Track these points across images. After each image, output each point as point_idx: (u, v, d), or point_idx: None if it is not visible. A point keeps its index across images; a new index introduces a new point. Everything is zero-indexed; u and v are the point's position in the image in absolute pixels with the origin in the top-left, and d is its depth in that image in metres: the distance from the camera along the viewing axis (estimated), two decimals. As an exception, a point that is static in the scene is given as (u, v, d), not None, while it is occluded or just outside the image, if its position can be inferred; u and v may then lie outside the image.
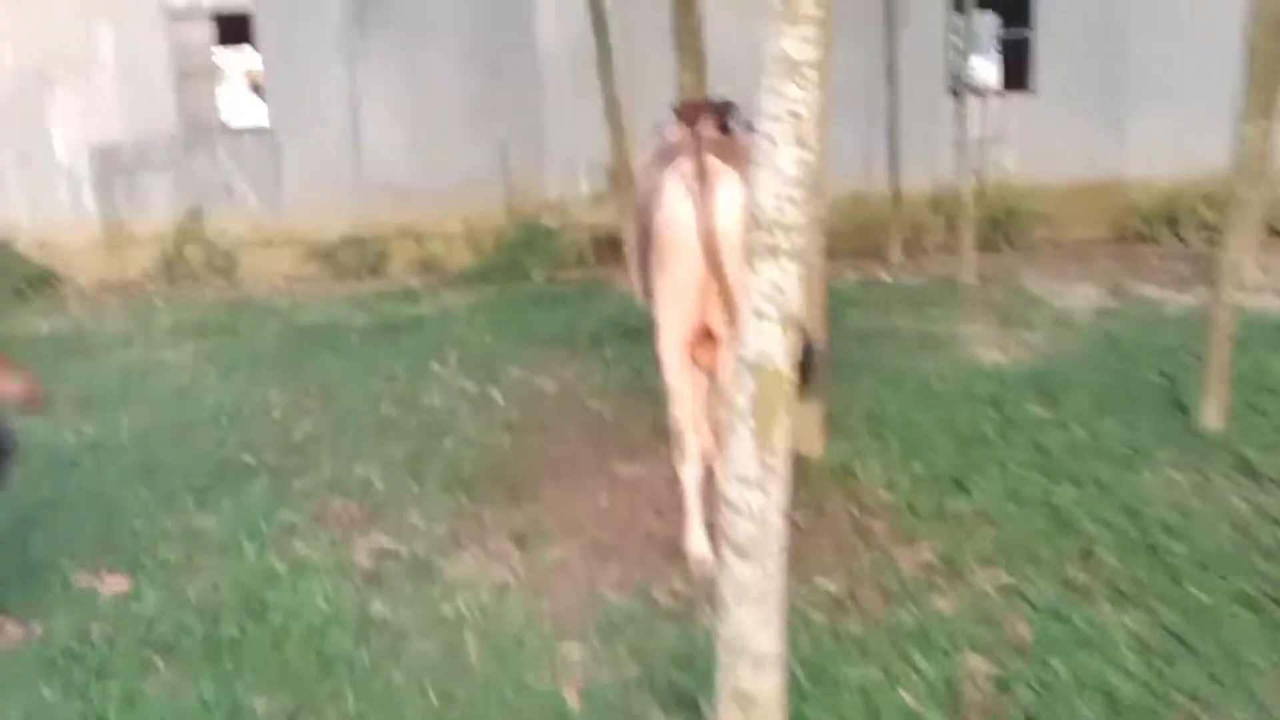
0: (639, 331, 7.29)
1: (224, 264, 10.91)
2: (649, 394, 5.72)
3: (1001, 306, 7.83)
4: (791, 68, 2.29)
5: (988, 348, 6.67)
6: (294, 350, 7.36)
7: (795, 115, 2.30)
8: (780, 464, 2.40)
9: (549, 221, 10.78)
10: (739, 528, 2.43)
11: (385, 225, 10.70)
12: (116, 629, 3.54)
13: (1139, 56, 10.62)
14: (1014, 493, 4.25)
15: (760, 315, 2.38)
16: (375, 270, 10.88)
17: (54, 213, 10.92)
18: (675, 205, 3.52)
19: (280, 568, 3.91)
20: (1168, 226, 10.59)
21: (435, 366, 6.71)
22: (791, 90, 2.29)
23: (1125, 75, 10.70)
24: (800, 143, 2.31)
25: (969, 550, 3.79)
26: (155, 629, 3.53)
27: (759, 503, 2.41)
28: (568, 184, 10.98)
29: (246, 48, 12.37)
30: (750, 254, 2.37)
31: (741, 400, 2.39)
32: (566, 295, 9.13)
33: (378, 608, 3.62)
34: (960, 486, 4.33)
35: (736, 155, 3.56)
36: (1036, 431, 4.93)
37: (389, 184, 11.04)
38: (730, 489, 2.43)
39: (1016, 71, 11.38)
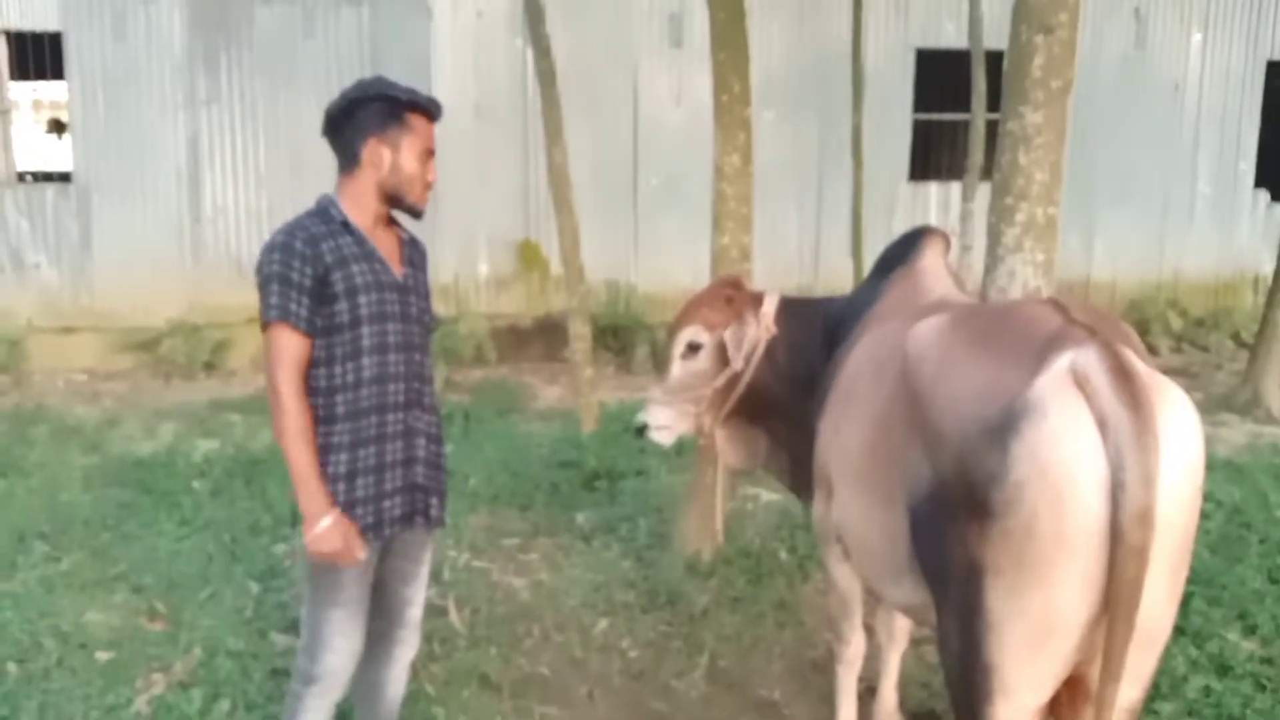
0: (612, 478, 5.47)
1: (5, 356, 8.27)
2: (679, 607, 3.88)
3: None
4: None
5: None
6: (113, 514, 5.02)
7: None
8: None
9: (440, 309, 8.74)
10: None
11: (227, 308, 8.38)
12: None
13: (1105, 161, 9.73)
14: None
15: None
16: (212, 366, 8.55)
17: None
18: (1069, 456, 1.71)
19: None
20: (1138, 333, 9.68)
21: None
22: None
23: (1092, 178, 9.76)
24: None
25: None
26: None
27: None
28: (464, 264, 9.05)
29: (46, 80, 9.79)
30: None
31: None
32: (479, 411, 7.14)
33: None
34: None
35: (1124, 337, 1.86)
36: None
37: (233, 256, 8.77)
38: None
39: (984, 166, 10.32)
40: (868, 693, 3.28)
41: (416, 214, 2.52)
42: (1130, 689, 1.84)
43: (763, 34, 7.98)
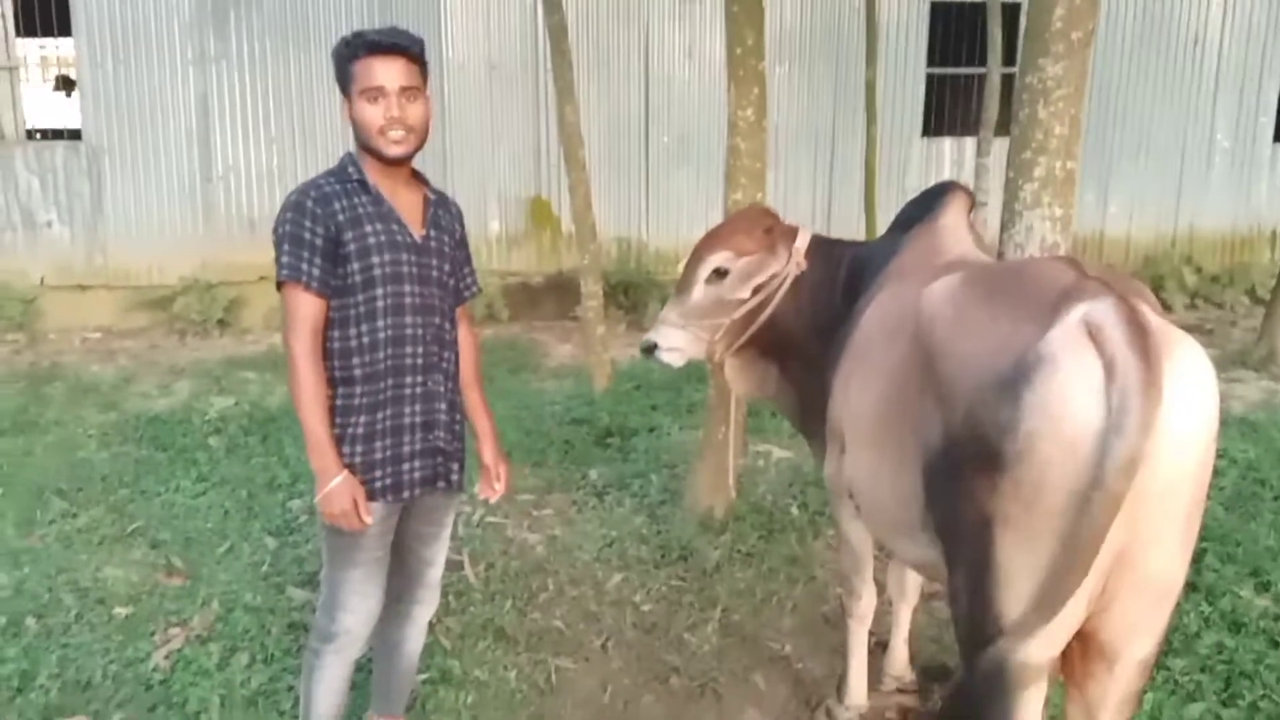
0: (624, 435, 5.49)
1: (19, 315, 8.32)
2: (692, 563, 3.91)
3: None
4: None
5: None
6: (130, 471, 5.07)
7: None
8: None
9: (457, 267, 8.73)
10: None
11: (239, 266, 8.40)
12: None
13: (1121, 115, 9.60)
14: None
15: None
16: (226, 324, 8.57)
17: None
18: (1081, 407, 1.69)
19: None
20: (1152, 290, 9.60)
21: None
22: None
23: (1108, 133, 9.64)
24: None
25: None
26: None
27: None
28: (475, 222, 8.97)
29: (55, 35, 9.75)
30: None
31: None
32: (491, 370, 7.13)
33: None
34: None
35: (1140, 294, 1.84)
36: None
37: (245, 215, 8.78)
38: None
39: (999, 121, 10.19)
40: (878, 647, 3.30)
41: (391, 161, 2.39)
42: (1142, 642, 1.85)
43: (776, -13, 7.88)
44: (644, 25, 9.06)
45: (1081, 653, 1.85)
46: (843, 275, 2.86)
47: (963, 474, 1.84)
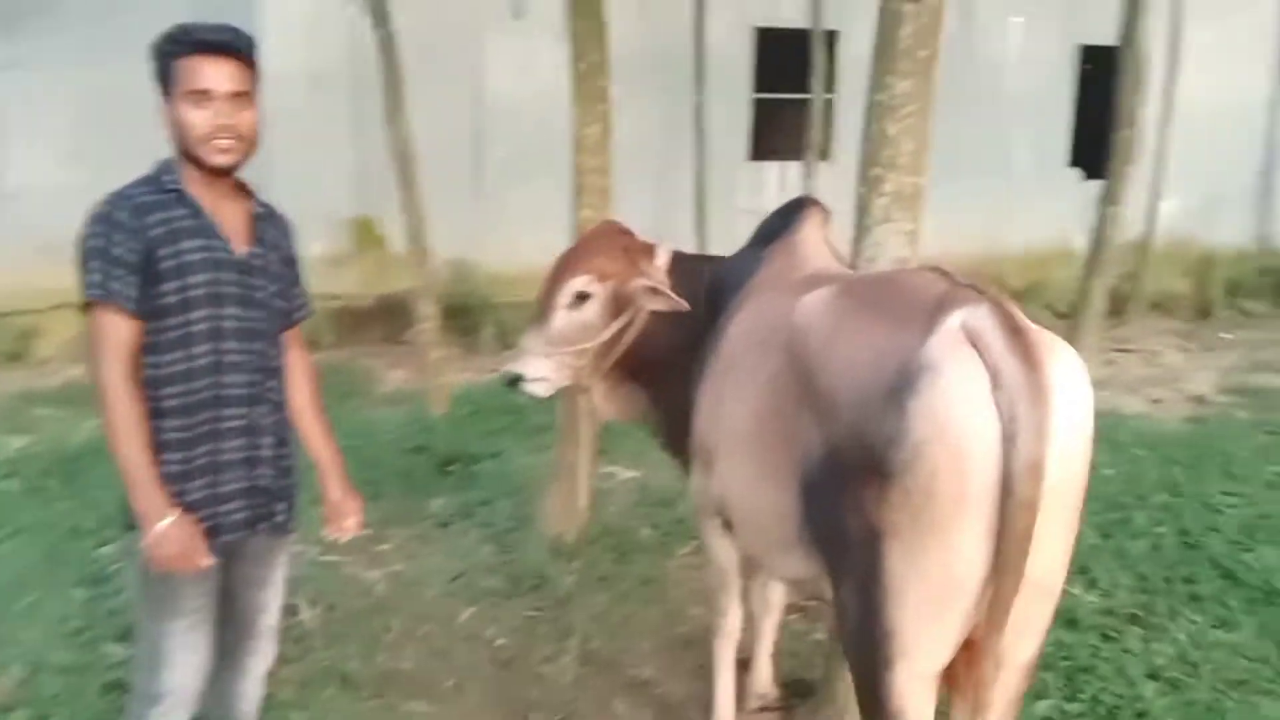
0: (466, 462, 5.31)
1: None
2: (545, 591, 3.80)
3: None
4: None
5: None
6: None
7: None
8: None
9: (275, 291, 8.30)
10: None
11: (34, 293, 7.69)
12: None
13: (945, 132, 10.08)
14: None
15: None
16: (18, 356, 7.86)
17: None
18: (966, 413, 1.69)
19: None
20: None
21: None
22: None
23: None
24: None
25: None
26: None
27: None
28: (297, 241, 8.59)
29: None
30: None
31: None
32: (320, 398, 6.79)
33: None
34: None
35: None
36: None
37: (42, 237, 8.05)
38: None
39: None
40: (739, 665, 3.27)
41: (215, 170, 2.19)
42: (1027, 644, 1.87)
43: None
44: (475, 39, 8.91)
45: (967, 658, 1.85)
46: (704, 291, 2.83)
47: (847, 485, 1.81)
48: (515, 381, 3.02)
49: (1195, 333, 9.72)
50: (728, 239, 9.61)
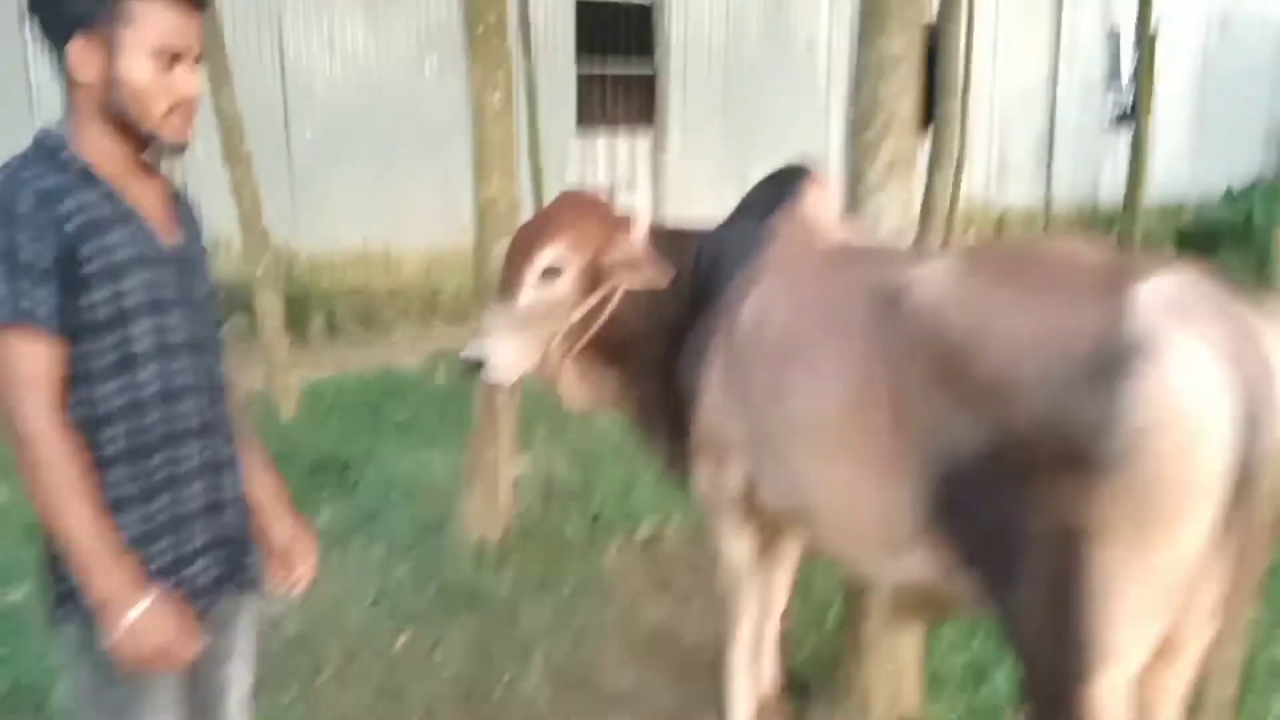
0: (336, 468, 4.85)
1: None
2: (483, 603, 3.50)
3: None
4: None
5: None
6: None
7: None
8: None
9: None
10: None
11: None
12: None
13: (757, 114, 10.20)
14: None
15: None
16: None
17: None
18: (1197, 394, 1.52)
19: None
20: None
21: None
22: None
23: (747, 132, 10.20)
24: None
25: None
26: None
27: None
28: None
29: None
30: None
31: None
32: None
33: None
34: None
35: None
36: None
37: None
38: None
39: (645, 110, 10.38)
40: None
41: (169, 149, 1.70)
42: (1206, 635, 1.75)
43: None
44: (277, 15, 8.17)
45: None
46: (693, 266, 2.57)
47: (1028, 480, 1.63)
48: (476, 368, 2.66)
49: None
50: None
